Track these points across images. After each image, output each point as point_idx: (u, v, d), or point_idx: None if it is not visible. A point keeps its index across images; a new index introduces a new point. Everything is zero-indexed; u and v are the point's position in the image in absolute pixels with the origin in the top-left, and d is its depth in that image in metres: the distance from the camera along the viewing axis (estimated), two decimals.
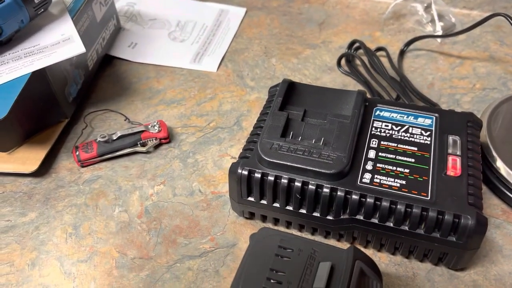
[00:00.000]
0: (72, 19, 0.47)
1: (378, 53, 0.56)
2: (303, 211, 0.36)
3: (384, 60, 0.55)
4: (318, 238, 0.38)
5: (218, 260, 0.37)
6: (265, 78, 0.55)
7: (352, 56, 0.55)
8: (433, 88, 0.52)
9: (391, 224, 0.34)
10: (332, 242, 0.38)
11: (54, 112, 0.47)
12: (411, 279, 0.35)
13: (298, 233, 0.38)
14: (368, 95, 0.50)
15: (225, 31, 0.62)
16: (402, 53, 0.56)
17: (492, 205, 0.40)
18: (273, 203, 0.37)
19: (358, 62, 0.55)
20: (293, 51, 0.58)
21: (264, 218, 0.39)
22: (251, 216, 0.39)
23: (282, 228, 0.39)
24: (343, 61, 0.56)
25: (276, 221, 0.39)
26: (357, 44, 0.56)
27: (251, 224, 0.39)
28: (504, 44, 0.58)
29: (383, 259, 0.37)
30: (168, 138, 0.46)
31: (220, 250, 0.38)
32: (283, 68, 0.56)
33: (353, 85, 0.53)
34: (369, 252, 0.37)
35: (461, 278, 0.35)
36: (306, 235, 0.38)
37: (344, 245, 0.37)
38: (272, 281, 0.29)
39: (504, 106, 0.45)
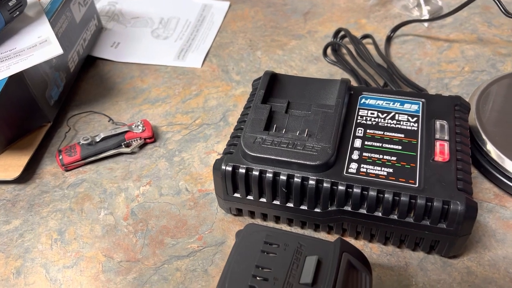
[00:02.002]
0: (49, 20, 0.46)
1: (365, 41, 0.55)
2: (290, 204, 0.35)
3: (371, 48, 0.54)
4: (307, 232, 0.37)
5: (206, 259, 0.36)
6: (251, 71, 0.54)
7: (338, 45, 0.54)
8: (421, 74, 0.51)
9: (380, 214, 0.33)
10: (322, 235, 0.37)
11: (35, 116, 0.46)
12: (403, 268, 0.35)
13: (288, 228, 0.38)
14: (355, 84, 0.49)
15: (209, 26, 0.61)
16: (389, 39, 0.55)
17: (484, 189, 0.40)
18: (259, 198, 0.36)
19: (344, 51, 0.54)
20: (278, 43, 0.57)
21: (252, 214, 0.38)
22: (239, 212, 0.38)
23: (271, 224, 0.38)
24: (329, 51, 0.55)
25: (264, 217, 0.38)
26: (342, 33, 0.55)
27: (239, 221, 0.39)
28: (492, 26, 0.57)
29: (374, 250, 0.36)
30: (153, 137, 0.46)
31: (208, 249, 0.37)
32: (269, 61, 0.55)
33: (340, 75, 0.52)
34: (360, 243, 0.36)
35: (454, 266, 0.35)
36: (296, 229, 0.38)
37: (334, 238, 0.37)
38: (258, 278, 0.28)
39: (492, 88, 0.44)
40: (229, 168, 0.35)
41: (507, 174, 0.38)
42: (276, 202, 0.36)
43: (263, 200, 0.36)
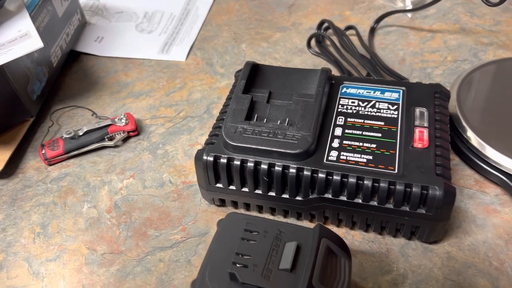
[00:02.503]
0: (30, 15, 0.46)
1: (349, 32, 0.55)
2: (272, 193, 0.35)
3: (355, 39, 0.54)
4: (290, 220, 0.38)
5: (189, 250, 0.36)
6: (235, 64, 0.54)
7: (322, 37, 0.55)
8: (404, 64, 0.51)
9: (360, 201, 0.33)
10: (304, 223, 0.37)
11: (17, 111, 0.46)
12: (385, 255, 0.35)
13: (271, 217, 0.38)
14: (339, 74, 0.49)
15: (193, 19, 0.61)
16: (372, 30, 0.56)
17: (465, 176, 0.40)
18: (241, 188, 0.36)
19: (328, 42, 0.54)
20: (263, 35, 0.57)
21: (235, 204, 0.38)
22: (222, 203, 0.38)
23: (254, 213, 0.38)
24: (313, 42, 0.55)
25: (247, 206, 0.38)
26: (326, 24, 0.55)
27: (223, 211, 0.39)
28: (474, 15, 0.57)
29: (356, 237, 0.36)
30: (136, 130, 0.46)
31: (191, 240, 0.37)
32: (253, 53, 0.55)
33: (324, 66, 0.52)
34: (342, 231, 0.37)
35: (435, 251, 0.35)
36: (279, 218, 0.38)
37: None
38: (238, 265, 0.28)
39: (473, 76, 0.44)
40: (211, 158, 0.35)
41: (487, 160, 0.38)
42: (258, 191, 0.36)
43: (245, 189, 0.36)
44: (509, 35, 0.54)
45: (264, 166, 0.34)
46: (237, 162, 0.35)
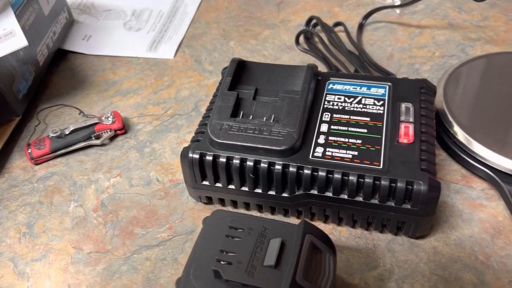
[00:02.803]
0: (15, 13, 0.46)
1: (337, 29, 0.55)
2: (259, 190, 0.35)
3: (343, 35, 0.54)
4: (278, 217, 0.37)
5: (176, 248, 0.36)
6: (224, 61, 0.53)
7: (310, 34, 0.54)
8: (392, 60, 0.51)
9: (346, 196, 0.33)
10: (291, 220, 0.37)
11: (3, 110, 0.45)
12: (371, 250, 0.35)
13: (258, 214, 0.38)
14: (327, 71, 0.49)
15: (182, 17, 0.60)
16: (361, 26, 0.56)
17: (452, 171, 0.40)
18: (228, 185, 0.36)
19: (316, 39, 0.54)
20: (251, 33, 0.57)
21: (222, 202, 0.38)
22: (209, 200, 0.38)
23: (242, 210, 0.38)
24: (301, 39, 0.55)
25: (234, 204, 0.38)
26: (314, 21, 0.55)
27: (210, 209, 0.39)
28: (462, 11, 0.57)
29: (343, 233, 0.36)
30: (123, 128, 0.45)
31: (178, 238, 0.37)
32: (242, 50, 0.55)
33: (312, 62, 0.52)
34: (329, 227, 0.37)
35: (421, 246, 0.35)
36: (266, 215, 0.38)
37: None
38: (222, 262, 0.28)
39: (460, 72, 0.44)
40: (196, 156, 0.35)
41: (474, 155, 0.38)
42: (245, 189, 0.36)
43: (232, 187, 0.36)
44: (497, 30, 0.54)
45: (250, 163, 0.34)
46: (223, 159, 0.34)
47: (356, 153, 0.34)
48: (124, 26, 0.60)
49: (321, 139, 0.35)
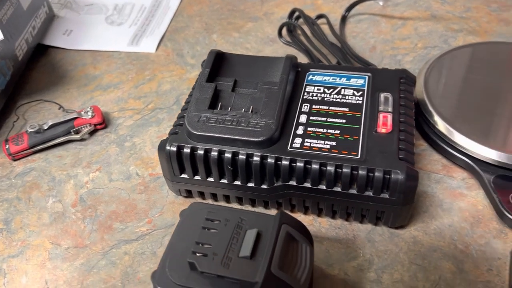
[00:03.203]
0: None
1: (320, 21, 0.55)
2: (238, 182, 0.35)
3: (326, 27, 0.54)
4: (258, 210, 0.37)
5: (155, 242, 0.36)
6: (206, 54, 0.52)
7: (293, 26, 0.54)
8: (375, 51, 0.51)
9: (324, 187, 0.33)
10: (272, 212, 0.37)
11: None
12: (351, 241, 0.35)
13: (238, 207, 0.38)
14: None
15: (164, 10, 0.60)
16: (343, 19, 0.55)
17: (433, 161, 0.40)
18: (207, 178, 0.35)
19: (299, 31, 0.54)
20: (234, 26, 0.57)
21: (202, 195, 0.38)
22: (189, 194, 0.38)
23: (222, 203, 0.38)
24: (284, 32, 0.54)
25: (214, 197, 0.38)
26: (297, 13, 0.54)
27: (190, 203, 0.38)
28: (445, 2, 0.57)
29: (323, 224, 0.36)
30: (103, 123, 0.45)
31: (157, 232, 0.36)
32: (225, 43, 0.54)
33: (295, 55, 0.52)
34: (309, 218, 0.36)
35: (401, 236, 0.35)
36: (246, 207, 0.37)
37: None
38: (197, 254, 0.28)
39: (441, 62, 0.44)
40: (174, 149, 0.34)
41: (454, 145, 0.38)
42: (224, 181, 0.35)
43: (211, 179, 0.35)
44: (479, 21, 0.54)
45: (228, 155, 0.34)
46: (201, 152, 0.34)
47: (334, 143, 0.33)
48: (106, 21, 0.59)
49: (300, 130, 0.35)
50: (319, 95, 0.37)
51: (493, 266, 0.33)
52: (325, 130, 0.34)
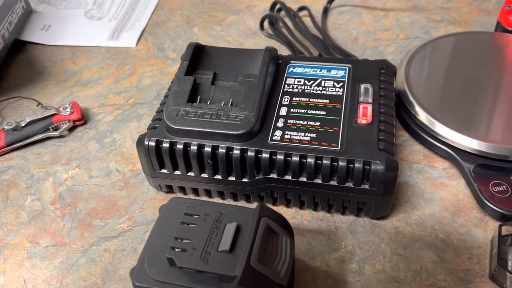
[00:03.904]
0: None
1: (302, 13, 0.55)
2: (219, 177, 0.35)
3: (308, 20, 0.53)
4: (240, 204, 0.37)
5: (136, 238, 0.35)
6: None
7: (275, 18, 0.54)
8: (357, 43, 0.51)
9: (305, 179, 0.33)
10: (254, 206, 0.37)
11: None
12: (333, 233, 0.35)
13: (220, 201, 0.37)
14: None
15: (145, 4, 0.59)
16: (325, 10, 0.55)
17: (414, 151, 0.40)
18: (187, 173, 0.35)
19: (281, 24, 0.53)
20: (216, 19, 0.56)
21: (183, 190, 0.37)
22: (170, 189, 0.38)
23: (203, 198, 0.37)
24: (266, 24, 0.54)
25: (195, 191, 0.37)
26: (278, 6, 0.54)
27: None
28: None
29: (305, 217, 0.36)
30: (82, 119, 0.44)
31: (138, 228, 0.36)
32: (206, 37, 0.54)
33: (277, 47, 0.51)
34: (292, 211, 0.36)
35: (383, 227, 0.35)
36: (228, 202, 0.37)
37: None
38: (176, 250, 0.27)
39: (422, 52, 0.44)
40: (152, 143, 0.34)
41: (435, 135, 0.38)
42: (204, 175, 0.35)
43: (191, 174, 0.35)
44: (460, 11, 0.54)
45: (207, 149, 0.33)
46: (180, 146, 0.34)
47: (314, 135, 0.33)
48: (85, 15, 0.58)
49: (280, 123, 0.34)
50: (299, 87, 0.37)
51: (474, 254, 0.33)
52: (305, 122, 0.34)
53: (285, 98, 0.36)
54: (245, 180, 0.34)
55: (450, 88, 0.41)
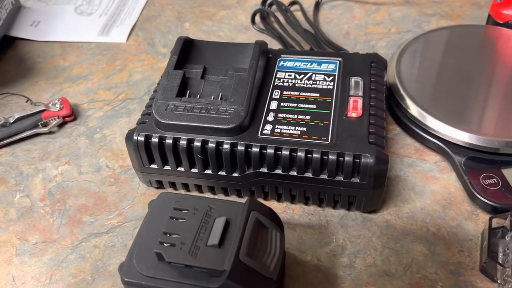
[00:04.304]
0: None
1: (293, 7, 0.54)
2: (209, 171, 0.34)
3: (299, 14, 0.53)
4: (231, 198, 0.37)
5: (126, 234, 0.35)
6: None
7: (266, 13, 0.53)
8: (349, 37, 0.51)
9: (295, 173, 0.32)
10: (245, 201, 0.36)
11: None
12: (324, 227, 0.35)
13: (211, 196, 0.37)
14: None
15: (135, 0, 0.58)
16: (317, 5, 0.55)
17: (406, 145, 0.40)
18: (177, 168, 0.35)
19: (272, 18, 0.53)
20: (207, 14, 0.56)
21: (173, 185, 0.37)
22: (160, 185, 0.37)
23: (194, 193, 0.37)
24: (258, 19, 0.54)
25: (185, 187, 0.37)
26: (270, 0, 0.54)
27: None
28: None
29: (296, 211, 0.36)
30: (72, 115, 0.44)
31: (128, 224, 0.36)
32: (197, 32, 0.53)
33: (269, 42, 0.51)
34: (283, 205, 0.36)
35: (374, 220, 0.35)
36: (219, 197, 0.37)
37: None
38: (165, 244, 0.27)
39: (413, 46, 0.44)
40: (142, 138, 0.34)
41: (426, 128, 0.38)
42: (194, 170, 0.35)
43: (181, 169, 0.35)
44: (452, 5, 0.54)
45: (197, 144, 0.33)
46: (169, 141, 0.33)
47: (304, 129, 0.33)
48: (75, 11, 0.57)
49: (271, 117, 0.34)
50: (290, 81, 0.37)
51: (465, 247, 0.33)
52: (295, 116, 0.34)
53: (275, 92, 0.36)
54: (235, 174, 0.34)
55: (441, 81, 0.41)
